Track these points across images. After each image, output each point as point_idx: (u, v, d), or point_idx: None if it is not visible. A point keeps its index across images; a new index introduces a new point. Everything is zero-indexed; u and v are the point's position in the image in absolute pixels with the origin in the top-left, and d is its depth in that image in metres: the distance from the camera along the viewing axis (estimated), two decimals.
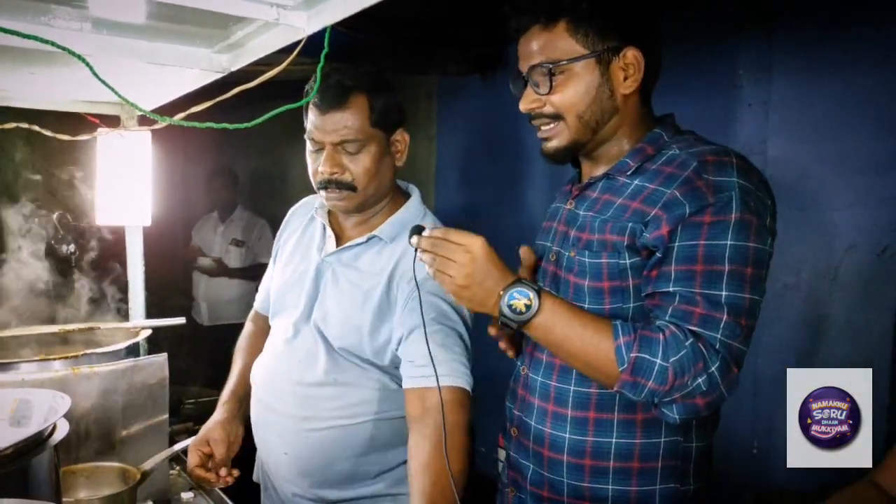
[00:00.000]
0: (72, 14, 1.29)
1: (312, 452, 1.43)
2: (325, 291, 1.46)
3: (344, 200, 1.41)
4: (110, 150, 1.88)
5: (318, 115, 1.38)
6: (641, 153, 1.15)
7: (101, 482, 1.33)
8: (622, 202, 1.12)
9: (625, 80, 1.14)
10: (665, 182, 1.07)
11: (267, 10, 1.16)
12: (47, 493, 0.92)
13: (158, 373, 1.46)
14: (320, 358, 1.43)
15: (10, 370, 1.38)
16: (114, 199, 1.91)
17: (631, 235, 1.08)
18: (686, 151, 1.10)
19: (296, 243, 1.60)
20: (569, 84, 1.13)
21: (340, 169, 1.38)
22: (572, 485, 1.15)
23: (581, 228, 1.17)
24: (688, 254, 1.03)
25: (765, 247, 1.04)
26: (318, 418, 1.42)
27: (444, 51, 2.79)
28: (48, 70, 1.60)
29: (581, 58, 1.12)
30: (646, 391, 1.00)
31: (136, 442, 1.44)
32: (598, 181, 1.19)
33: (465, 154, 3.46)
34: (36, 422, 1.02)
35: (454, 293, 1.06)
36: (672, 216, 1.04)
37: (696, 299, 1.01)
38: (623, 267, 1.10)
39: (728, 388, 1.00)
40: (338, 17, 1.14)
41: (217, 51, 1.48)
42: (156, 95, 1.79)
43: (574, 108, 1.14)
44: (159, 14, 1.30)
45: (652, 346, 1.00)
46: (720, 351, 0.99)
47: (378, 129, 1.40)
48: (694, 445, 1.14)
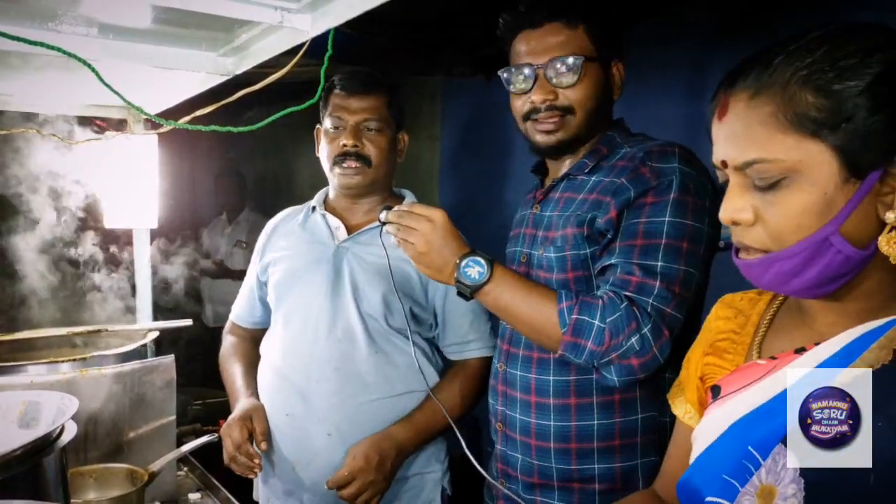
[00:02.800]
0: (78, 19, 1.30)
1: (359, 428, 1.47)
2: (350, 272, 1.53)
3: (358, 175, 1.54)
4: (117, 153, 1.89)
5: (343, 97, 1.55)
6: (598, 153, 1.25)
7: (109, 483, 1.34)
8: (582, 197, 1.22)
9: (614, 88, 1.27)
10: (617, 174, 1.18)
11: (271, 13, 1.17)
12: (56, 495, 0.92)
13: (166, 374, 1.47)
14: (360, 334, 1.50)
15: (18, 372, 1.39)
16: (121, 201, 1.92)
17: (589, 225, 1.17)
18: (636, 147, 1.20)
19: (296, 240, 1.63)
20: (586, 80, 1.21)
21: (361, 143, 1.53)
22: (561, 469, 1.23)
23: (547, 228, 1.26)
24: (630, 231, 1.13)
25: (702, 226, 1.12)
26: (364, 392, 1.49)
27: (448, 52, 2.79)
28: (56, 74, 1.61)
29: (598, 59, 1.21)
30: (586, 352, 1.09)
31: (143, 443, 1.45)
32: (560, 182, 1.29)
33: (469, 155, 3.46)
34: (44, 423, 1.02)
35: (414, 259, 1.16)
36: (619, 201, 1.14)
37: (632, 269, 1.11)
38: (584, 257, 1.19)
39: (660, 350, 1.08)
40: (342, 20, 1.15)
41: (222, 54, 1.49)
42: (161, 99, 1.80)
43: (587, 102, 1.22)
44: (164, 18, 1.31)
45: (591, 309, 1.09)
46: (652, 314, 1.08)
47: (392, 120, 1.59)
48: (668, 419, 1.21)
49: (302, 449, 1.52)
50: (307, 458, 1.51)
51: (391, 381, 1.50)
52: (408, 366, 1.51)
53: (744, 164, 0.70)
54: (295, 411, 1.53)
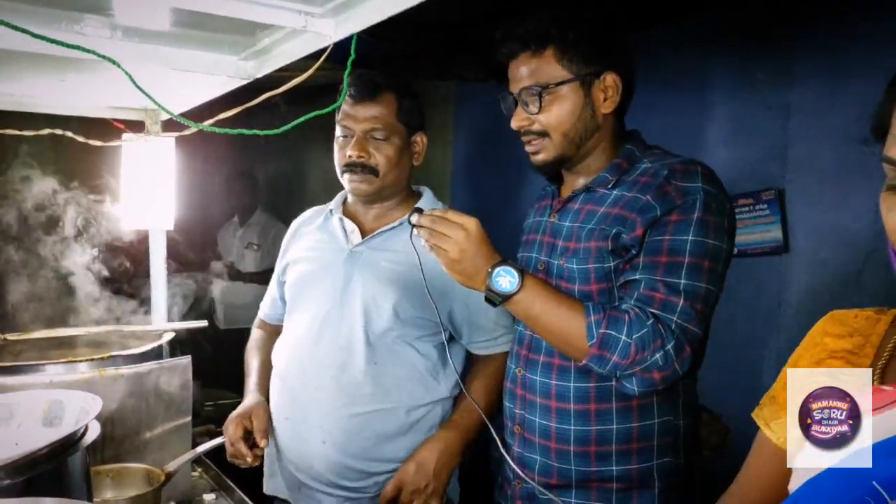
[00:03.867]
0: (103, 23, 1.31)
1: (353, 438, 1.48)
2: (361, 277, 1.52)
3: (364, 184, 1.53)
4: (135, 155, 1.91)
5: (351, 104, 1.52)
6: (618, 168, 1.27)
7: (126, 483, 1.35)
8: (604, 210, 1.24)
9: (604, 101, 1.26)
10: (641, 190, 1.20)
11: (295, 17, 1.18)
12: (80, 494, 0.93)
13: (182, 375, 1.48)
14: (361, 344, 1.49)
15: (37, 371, 1.40)
16: (138, 203, 1.93)
17: (613, 240, 1.20)
18: (658, 163, 1.23)
19: (314, 242, 1.64)
20: (555, 105, 1.24)
21: (367, 154, 1.51)
22: (580, 470, 1.26)
23: (567, 238, 1.28)
24: (654, 247, 1.16)
25: (722, 244, 1.17)
26: (361, 403, 1.48)
27: (462, 57, 2.80)
28: (76, 76, 1.62)
29: (566, 81, 1.23)
30: (610, 364, 1.13)
31: (159, 443, 1.45)
32: (579, 194, 1.31)
33: (481, 160, 3.46)
34: (68, 423, 1.03)
35: (447, 266, 1.17)
36: (645, 218, 1.17)
37: (657, 286, 1.14)
38: (608, 270, 1.21)
39: (680, 364, 1.13)
40: (364, 25, 1.16)
41: (243, 57, 1.50)
42: (180, 102, 1.82)
43: (560, 126, 1.25)
44: (186, 22, 1.32)
45: (618, 324, 1.12)
46: (675, 332, 1.12)
47: (402, 125, 1.54)
48: (682, 423, 1.27)
49: (301, 452, 1.54)
50: (307, 461, 1.53)
51: (389, 393, 1.48)
52: (408, 377, 1.50)
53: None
54: (293, 416, 1.55)
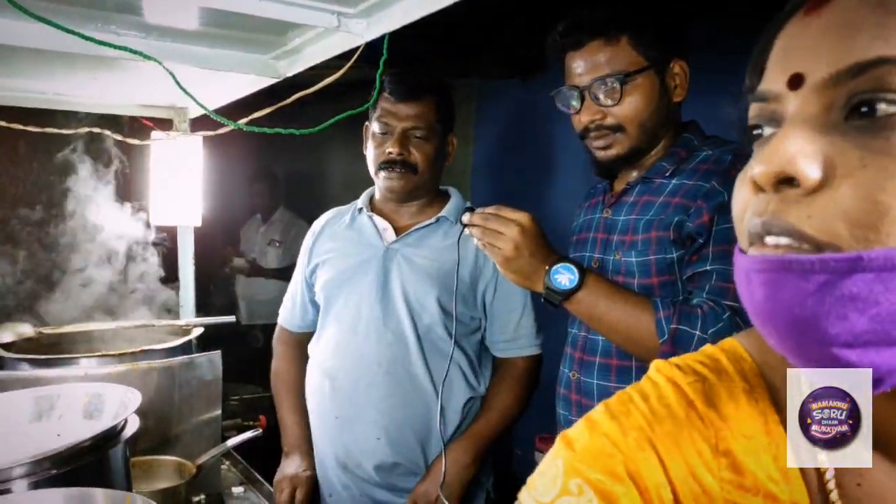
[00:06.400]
0: (133, 22, 1.32)
1: (407, 432, 1.50)
2: (399, 274, 1.53)
3: (402, 181, 1.54)
4: (164, 153, 1.93)
5: (392, 102, 1.54)
6: (676, 156, 1.21)
7: (157, 475, 1.37)
8: (663, 200, 1.17)
9: (675, 89, 1.21)
10: (703, 177, 1.13)
11: (328, 17, 1.19)
12: (121, 486, 0.95)
13: (213, 369, 1.50)
14: (411, 337, 1.51)
15: (72, 364, 1.43)
16: (167, 200, 1.96)
17: (676, 229, 1.13)
18: (719, 149, 1.17)
19: (344, 240, 1.64)
20: (634, 95, 1.18)
21: (407, 151, 1.53)
22: None
23: (623, 232, 1.22)
24: (724, 235, 1.07)
25: None
26: (414, 395, 1.50)
27: (488, 55, 2.81)
28: (108, 75, 1.65)
29: (643, 69, 1.18)
30: None
31: (189, 437, 1.47)
32: (635, 185, 1.25)
33: (502, 156, 3.46)
34: (108, 415, 1.05)
35: (502, 265, 1.12)
36: (711, 204, 1.09)
37: (731, 276, 1.04)
38: (671, 261, 1.14)
39: None
40: (396, 25, 1.17)
41: (274, 57, 1.51)
42: (208, 101, 1.83)
43: (638, 117, 1.19)
44: (217, 21, 1.33)
45: (691, 319, 1.04)
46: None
47: (440, 126, 1.58)
48: None
49: (351, 451, 1.54)
50: (356, 459, 1.54)
51: (439, 389, 1.50)
52: (456, 373, 1.52)
53: (852, 70, 0.39)
54: (344, 414, 1.55)
